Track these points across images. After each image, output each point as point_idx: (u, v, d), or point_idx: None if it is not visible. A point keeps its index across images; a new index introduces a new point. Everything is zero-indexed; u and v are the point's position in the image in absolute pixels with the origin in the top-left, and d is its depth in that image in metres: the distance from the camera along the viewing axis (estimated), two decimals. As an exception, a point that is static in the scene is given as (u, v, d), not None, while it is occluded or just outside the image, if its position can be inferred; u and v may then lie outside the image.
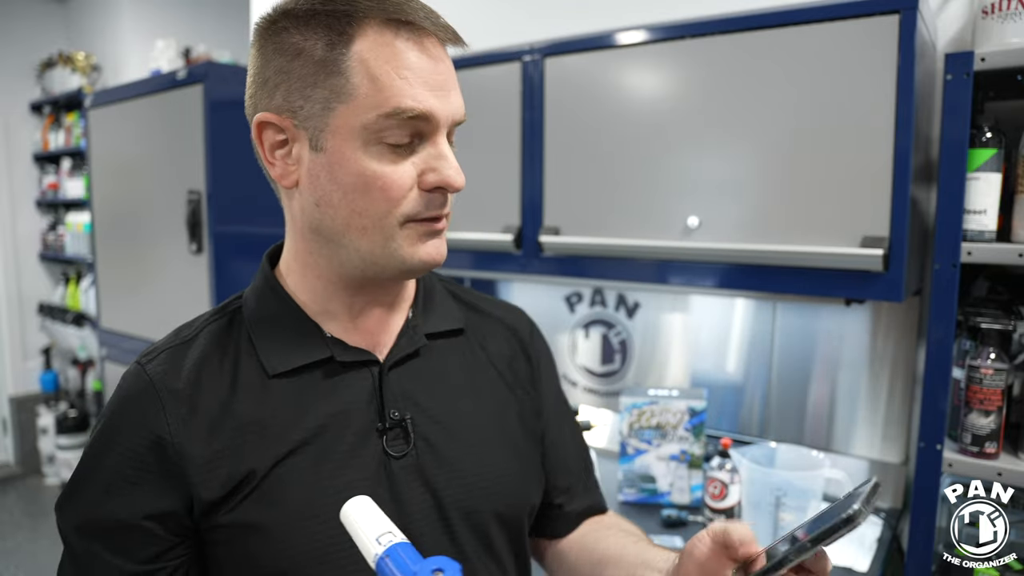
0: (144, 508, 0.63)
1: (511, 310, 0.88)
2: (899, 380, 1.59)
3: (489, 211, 1.71)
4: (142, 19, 3.90)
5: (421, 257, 0.65)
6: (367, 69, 0.60)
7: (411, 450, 0.69)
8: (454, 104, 0.64)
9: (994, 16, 1.18)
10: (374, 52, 0.60)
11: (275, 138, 0.65)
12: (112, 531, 0.63)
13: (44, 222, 4.37)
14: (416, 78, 0.61)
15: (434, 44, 0.63)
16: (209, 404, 0.65)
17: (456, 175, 0.63)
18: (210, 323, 0.71)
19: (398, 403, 0.70)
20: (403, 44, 0.61)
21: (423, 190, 0.63)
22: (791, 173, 1.31)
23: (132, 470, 0.63)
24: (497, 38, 1.77)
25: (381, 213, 0.62)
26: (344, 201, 0.62)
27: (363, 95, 0.60)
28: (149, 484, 0.63)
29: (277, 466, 0.64)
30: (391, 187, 0.61)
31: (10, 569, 3.16)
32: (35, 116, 4.32)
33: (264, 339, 0.68)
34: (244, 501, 0.63)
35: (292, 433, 0.65)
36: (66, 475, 3.88)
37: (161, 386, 0.65)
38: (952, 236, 1.17)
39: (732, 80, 1.36)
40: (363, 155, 0.61)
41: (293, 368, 0.67)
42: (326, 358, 0.68)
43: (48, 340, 4.30)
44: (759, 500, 1.26)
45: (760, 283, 1.37)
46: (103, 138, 2.42)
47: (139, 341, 2.27)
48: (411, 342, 0.72)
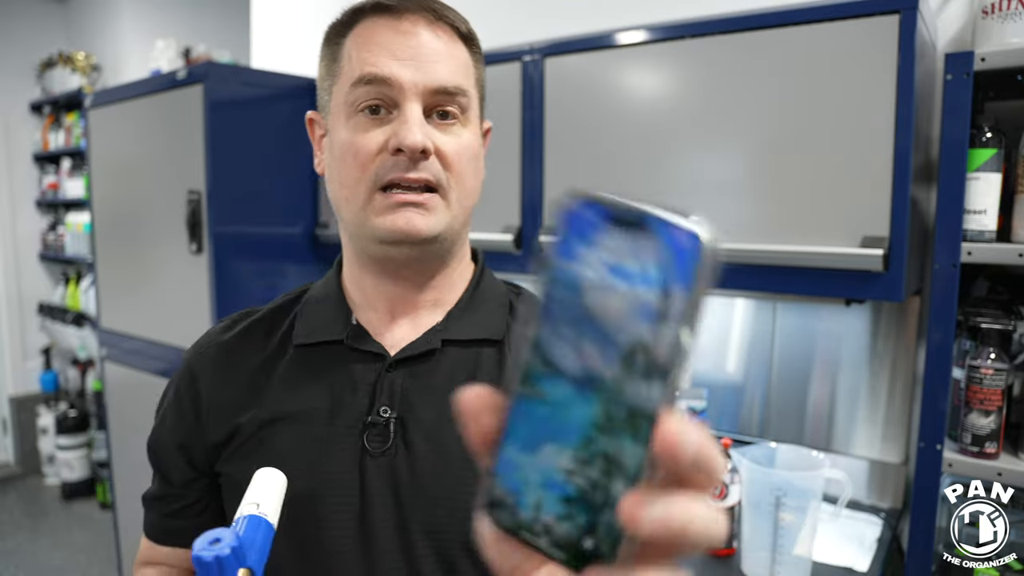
0: (176, 438, 0.75)
1: None
2: (899, 380, 1.59)
3: (489, 211, 1.71)
4: (142, 19, 3.90)
5: (388, 227, 0.66)
6: (349, 51, 0.68)
7: (389, 450, 0.67)
8: (427, 72, 0.66)
9: (994, 16, 1.18)
10: (358, 37, 0.68)
11: (318, 133, 0.75)
12: (160, 452, 0.77)
13: (44, 222, 4.37)
14: (383, 50, 0.66)
15: (413, 23, 0.67)
16: (239, 358, 0.74)
17: (410, 135, 0.64)
18: (285, 295, 0.80)
19: (392, 402, 0.69)
20: (382, 25, 0.67)
21: (390, 154, 0.65)
22: (791, 173, 1.31)
23: (176, 406, 0.76)
24: (497, 38, 1.77)
25: (355, 179, 0.67)
26: (336, 174, 0.69)
27: (343, 72, 0.68)
28: (183, 419, 0.74)
29: (262, 428, 0.70)
30: (359, 152, 0.66)
31: (10, 569, 3.16)
32: (35, 116, 4.32)
33: (305, 316, 0.75)
34: (235, 453, 0.71)
35: (283, 403, 0.70)
36: (66, 475, 3.89)
37: (213, 340, 0.77)
38: (952, 236, 1.17)
39: (732, 80, 1.36)
40: (344, 127, 0.67)
41: (310, 343, 0.72)
42: (337, 340, 0.71)
43: (48, 340, 4.30)
44: (759, 500, 1.25)
45: (760, 283, 1.37)
46: (103, 138, 2.42)
47: (139, 341, 2.27)
48: (425, 343, 0.71)
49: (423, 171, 0.66)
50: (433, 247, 0.69)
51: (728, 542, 1.37)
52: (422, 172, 0.66)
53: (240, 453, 0.70)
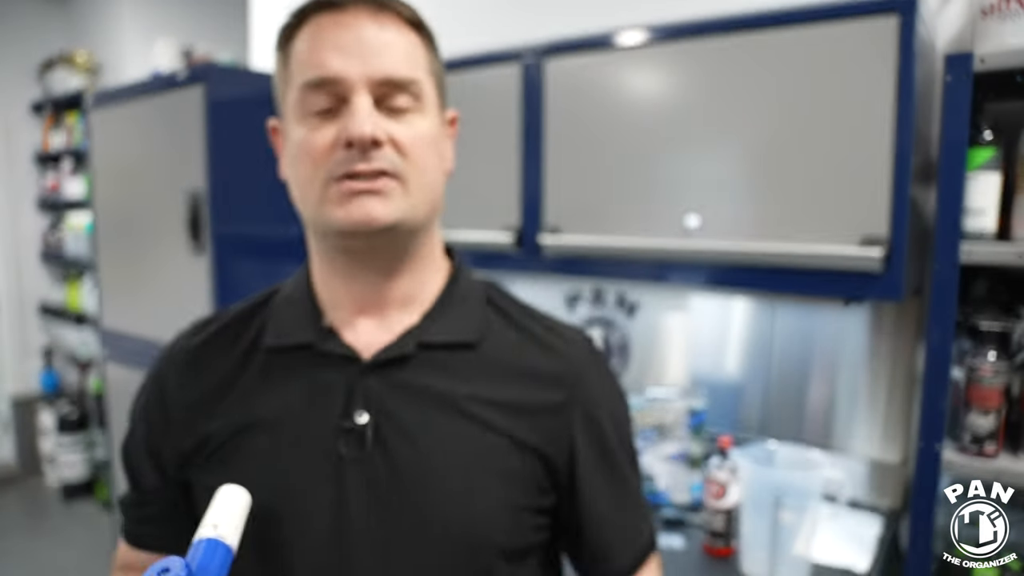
0: (146, 445, 0.75)
1: (569, 339, 0.76)
2: (899, 380, 1.59)
3: (489, 211, 1.71)
4: (142, 19, 3.90)
5: (342, 217, 0.64)
6: (296, 54, 0.67)
7: (364, 455, 0.66)
8: (374, 64, 0.64)
9: (994, 16, 1.18)
10: (305, 37, 0.67)
11: (279, 141, 0.74)
12: (130, 458, 0.77)
13: (44, 222, 4.36)
14: (326, 47, 0.65)
15: (356, 16, 0.65)
16: (206, 364, 0.73)
17: (358, 126, 0.62)
18: (253, 298, 0.78)
19: (368, 406, 0.67)
20: (326, 22, 0.66)
21: (342, 148, 0.64)
22: (790, 173, 1.31)
23: (145, 413, 0.76)
24: (497, 38, 1.77)
25: (309, 176, 0.66)
26: (293, 174, 0.69)
27: (292, 76, 0.67)
28: (152, 426, 0.75)
29: (236, 436, 0.69)
30: (312, 149, 0.65)
31: (10, 569, 3.16)
32: (35, 116, 4.31)
33: (275, 318, 0.74)
34: (207, 461, 0.70)
35: (256, 408, 0.69)
36: (66, 475, 3.89)
37: (179, 347, 0.77)
38: (952, 236, 1.17)
39: (732, 80, 1.36)
40: (297, 128, 0.67)
41: (280, 346, 0.71)
42: (307, 344, 0.70)
43: (48, 340, 4.30)
44: (759, 500, 1.26)
45: (760, 283, 1.37)
46: (104, 138, 2.42)
47: (139, 341, 2.27)
48: (399, 347, 0.69)
49: (376, 161, 0.63)
50: (395, 236, 0.67)
51: (728, 542, 1.37)
52: (375, 163, 0.63)
53: (211, 462, 0.70)
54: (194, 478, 0.71)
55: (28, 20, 4.21)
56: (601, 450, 0.73)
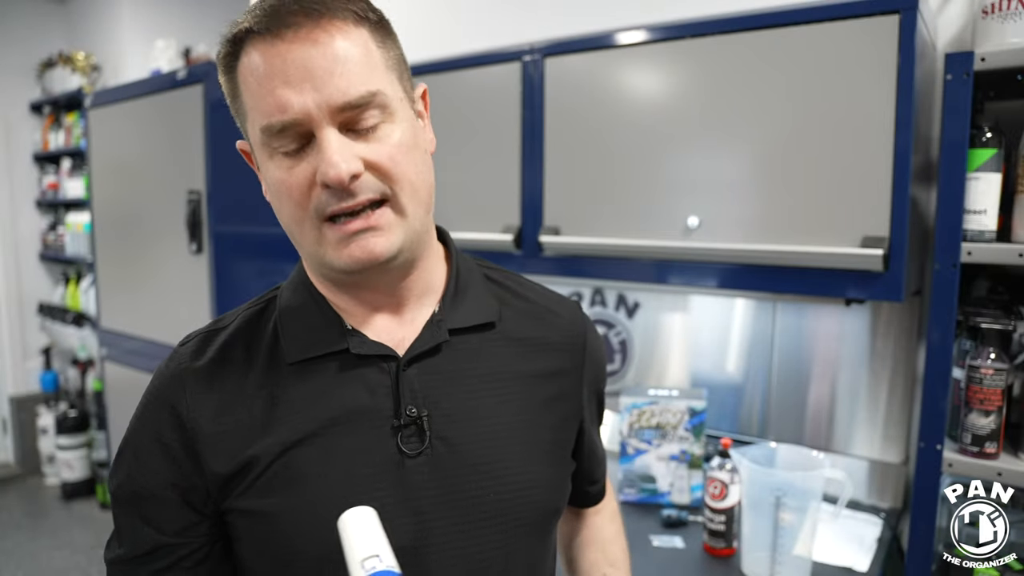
0: (168, 478, 0.67)
1: (565, 305, 0.82)
2: (899, 380, 1.59)
3: (489, 211, 1.71)
4: (142, 19, 3.90)
5: (346, 261, 0.63)
6: (247, 86, 0.62)
7: (426, 449, 0.67)
8: (328, 90, 0.59)
9: (994, 16, 1.18)
10: (246, 69, 0.62)
11: (253, 163, 0.70)
12: (143, 499, 0.68)
13: (44, 222, 4.36)
14: (275, 82, 0.59)
15: (291, 40, 0.59)
16: (225, 384, 0.68)
17: (329, 168, 0.59)
18: (246, 311, 0.74)
19: (416, 400, 0.68)
20: (264, 50, 0.60)
21: (322, 189, 0.61)
22: (791, 173, 1.31)
23: (157, 443, 0.67)
24: (497, 38, 1.77)
25: (298, 217, 0.63)
26: (279, 210, 0.66)
27: (249, 111, 0.63)
28: (172, 457, 0.67)
29: (284, 454, 0.65)
30: (292, 190, 0.62)
31: (10, 569, 3.16)
32: (35, 116, 4.31)
33: (288, 327, 0.70)
34: (254, 485, 0.65)
35: (302, 423, 0.66)
36: (66, 475, 3.89)
37: (187, 366, 0.69)
38: (952, 236, 1.17)
39: (732, 80, 1.36)
40: (271, 165, 0.63)
41: (310, 357, 0.68)
42: (342, 350, 0.68)
43: (48, 340, 4.30)
44: (759, 500, 1.26)
45: (760, 283, 1.37)
46: (103, 138, 2.42)
47: (139, 341, 2.27)
48: (432, 337, 0.70)
49: (362, 193, 0.61)
50: (399, 260, 0.66)
51: (728, 542, 1.37)
52: (360, 195, 0.61)
53: (260, 485, 0.65)
54: (240, 505, 0.66)
55: (28, 20, 4.21)
56: (597, 399, 0.86)
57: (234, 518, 0.67)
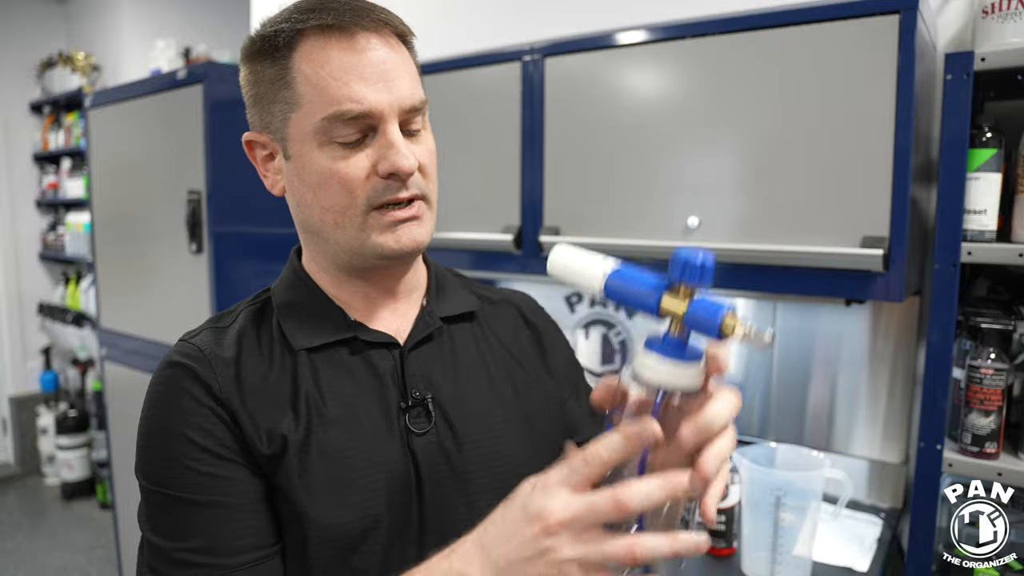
0: (223, 434, 0.65)
1: (512, 293, 0.93)
2: (899, 380, 1.59)
3: (489, 211, 1.71)
4: (142, 19, 3.90)
5: (393, 245, 0.69)
6: (307, 77, 0.66)
7: (432, 428, 0.72)
8: (398, 92, 0.67)
9: (994, 16, 1.18)
10: (310, 60, 0.66)
11: (263, 153, 0.73)
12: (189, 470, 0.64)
13: (44, 222, 4.37)
14: (350, 76, 0.65)
15: (368, 39, 0.66)
16: (249, 373, 0.70)
17: (404, 160, 0.66)
18: (246, 308, 0.77)
19: (418, 383, 0.74)
20: (335, 46, 0.66)
21: (381, 177, 0.67)
22: (791, 173, 1.31)
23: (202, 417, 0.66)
24: (497, 38, 1.77)
25: (344, 205, 0.68)
26: (315, 200, 0.69)
27: (308, 102, 0.66)
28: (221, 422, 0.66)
29: (310, 436, 0.68)
30: (347, 180, 0.67)
31: (10, 569, 3.16)
32: (35, 116, 4.32)
33: (291, 321, 0.74)
34: (283, 467, 0.67)
35: (322, 407, 0.70)
36: (66, 475, 3.89)
37: (210, 352, 0.69)
38: (952, 236, 1.17)
39: (732, 80, 1.36)
40: (319, 155, 0.67)
41: (319, 345, 0.72)
42: (350, 337, 0.73)
43: (48, 340, 4.30)
44: (759, 500, 1.25)
45: (760, 283, 1.36)
46: (103, 138, 2.42)
47: (139, 341, 2.27)
48: (427, 326, 0.77)
49: (413, 188, 0.69)
50: (421, 251, 0.74)
51: (728, 542, 1.37)
52: (412, 189, 0.69)
53: (290, 464, 0.66)
54: (276, 485, 0.67)
55: (28, 20, 4.21)
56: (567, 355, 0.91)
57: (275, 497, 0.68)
